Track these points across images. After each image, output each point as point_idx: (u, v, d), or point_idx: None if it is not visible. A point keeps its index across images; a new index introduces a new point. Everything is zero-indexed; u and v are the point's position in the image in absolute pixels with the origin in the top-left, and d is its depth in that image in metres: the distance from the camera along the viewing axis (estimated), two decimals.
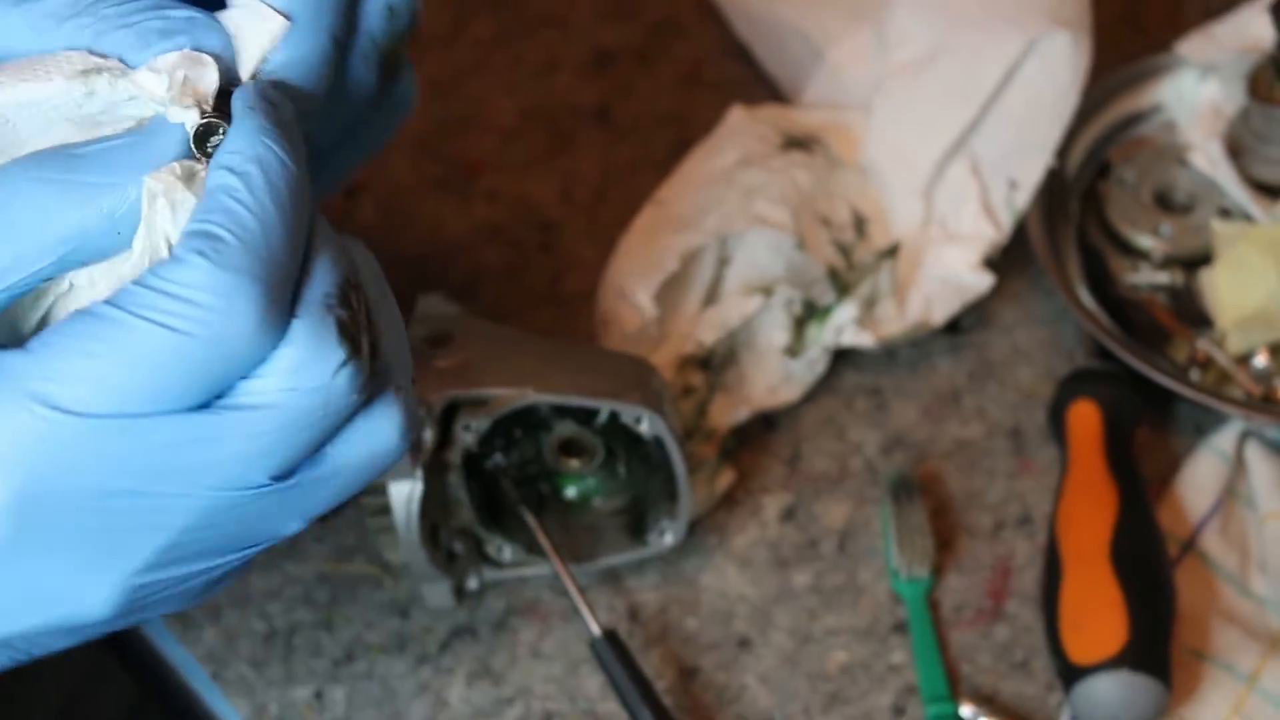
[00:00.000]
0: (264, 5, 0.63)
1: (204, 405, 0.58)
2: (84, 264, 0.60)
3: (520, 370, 0.87)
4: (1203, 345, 0.99)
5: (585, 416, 0.89)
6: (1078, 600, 0.90)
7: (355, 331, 0.60)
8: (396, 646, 0.92)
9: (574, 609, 0.90)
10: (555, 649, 0.92)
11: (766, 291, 0.96)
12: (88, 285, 0.61)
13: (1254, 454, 0.97)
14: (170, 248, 0.60)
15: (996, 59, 0.99)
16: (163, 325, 0.57)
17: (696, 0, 1.16)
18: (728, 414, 0.96)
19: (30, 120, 0.61)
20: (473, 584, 0.92)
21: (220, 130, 0.61)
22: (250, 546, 0.62)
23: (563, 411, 0.88)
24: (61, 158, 0.60)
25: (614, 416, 0.88)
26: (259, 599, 0.93)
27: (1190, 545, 0.95)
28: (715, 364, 0.96)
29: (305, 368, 0.59)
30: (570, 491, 0.92)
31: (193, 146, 0.61)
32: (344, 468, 0.61)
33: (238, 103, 0.61)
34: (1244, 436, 0.97)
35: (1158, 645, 0.88)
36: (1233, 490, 0.97)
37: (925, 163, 1.00)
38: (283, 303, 0.59)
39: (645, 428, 0.87)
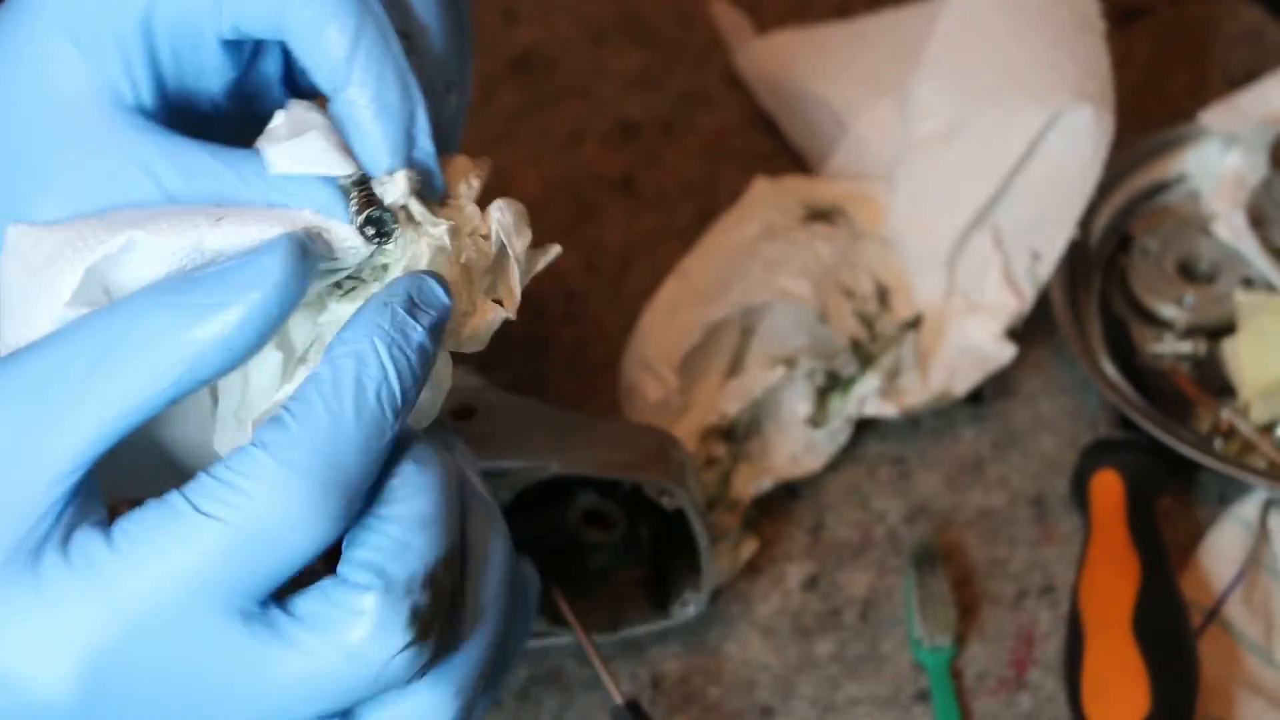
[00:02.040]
0: None
1: (264, 607, 0.59)
2: (201, 385, 0.60)
3: (543, 444, 0.87)
4: (1226, 415, 0.99)
5: (608, 488, 0.89)
6: (1100, 670, 0.90)
7: (429, 618, 0.60)
8: None
9: (597, 678, 0.90)
10: (578, 718, 0.92)
11: (789, 363, 0.97)
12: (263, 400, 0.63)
13: (1278, 523, 0.97)
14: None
15: (1019, 132, 1.00)
16: (213, 517, 0.58)
17: (722, 72, 1.16)
18: (751, 484, 0.96)
19: None
20: None
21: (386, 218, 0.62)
22: None
23: (585, 483, 0.89)
24: (176, 281, 0.61)
25: (637, 488, 0.88)
26: None
27: (1214, 614, 0.95)
28: (738, 434, 0.97)
29: (365, 643, 0.59)
30: (593, 562, 0.92)
31: (363, 232, 0.62)
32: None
33: (380, 294, 0.61)
34: (1268, 506, 0.97)
35: (1181, 715, 0.88)
36: (1257, 559, 0.97)
37: (948, 234, 1.01)
38: (344, 509, 0.59)
39: (667, 501, 0.88)
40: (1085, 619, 0.92)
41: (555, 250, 0.67)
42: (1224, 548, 0.97)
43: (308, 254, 0.61)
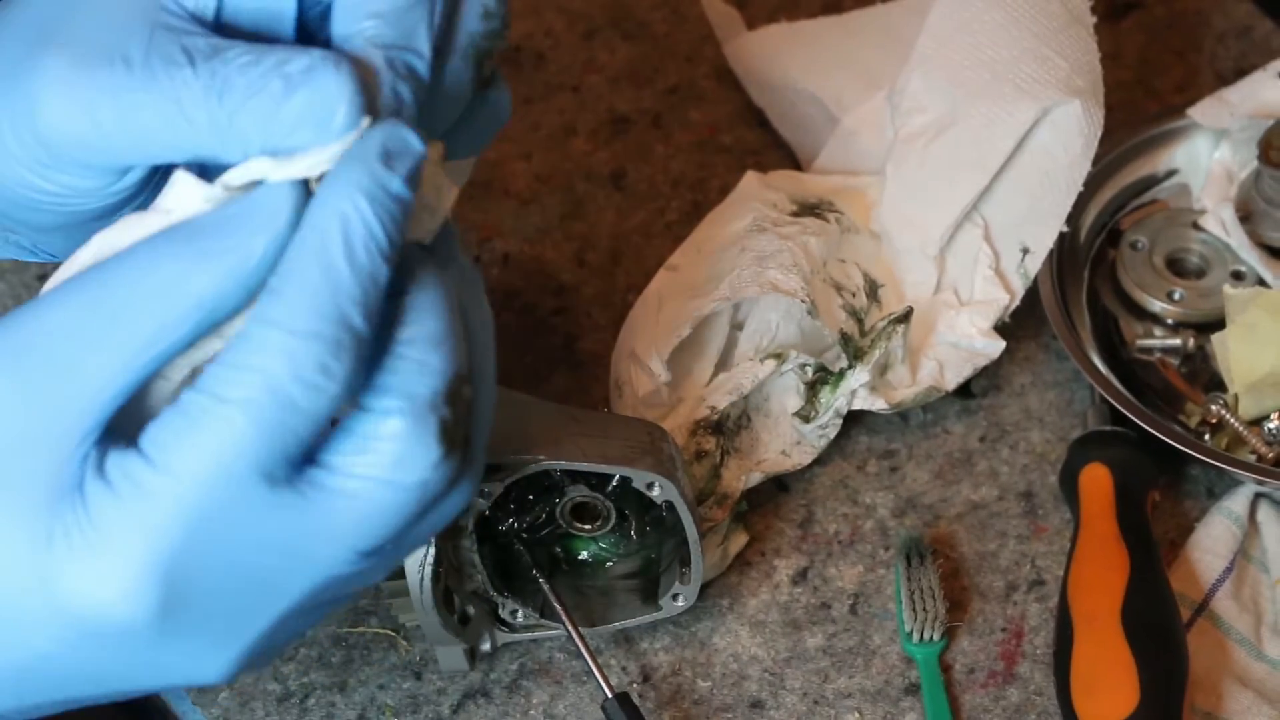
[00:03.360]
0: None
1: (301, 468, 0.61)
2: (219, 324, 0.62)
3: (533, 436, 0.87)
4: (1215, 409, 1.00)
5: (598, 481, 0.89)
6: (1089, 663, 0.90)
7: (455, 429, 0.63)
8: (410, 709, 0.92)
9: (587, 670, 0.90)
10: (568, 711, 0.92)
11: (779, 356, 0.97)
12: None
13: (1267, 517, 0.97)
14: None
15: (1009, 127, 1.00)
16: (236, 401, 0.60)
17: (712, 66, 1.16)
18: (740, 478, 0.96)
19: None
20: (486, 646, 0.92)
21: None
22: (341, 599, 0.66)
23: (575, 476, 0.89)
24: (184, 229, 0.62)
25: (626, 481, 0.88)
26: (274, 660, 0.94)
27: (1203, 608, 0.95)
28: (728, 428, 0.97)
29: (403, 464, 0.62)
30: (583, 554, 0.93)
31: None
32: (422, 536, 0.65)
33: (353, 150, 0.62)
34: (1256, 499, 0.98)
35: (1169, 708, 0.88)
36: (1245, 553, 0.97)
37: (938, 228, 1.01)
38: (356, 360, 0.61)
39: (657, 493, 0.88)
40: (1074, 613, 0.92)
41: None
42: (1213, 542, 0.97)
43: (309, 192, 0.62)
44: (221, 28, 0.67)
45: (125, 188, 0.69)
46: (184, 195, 0.64)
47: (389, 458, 0.61)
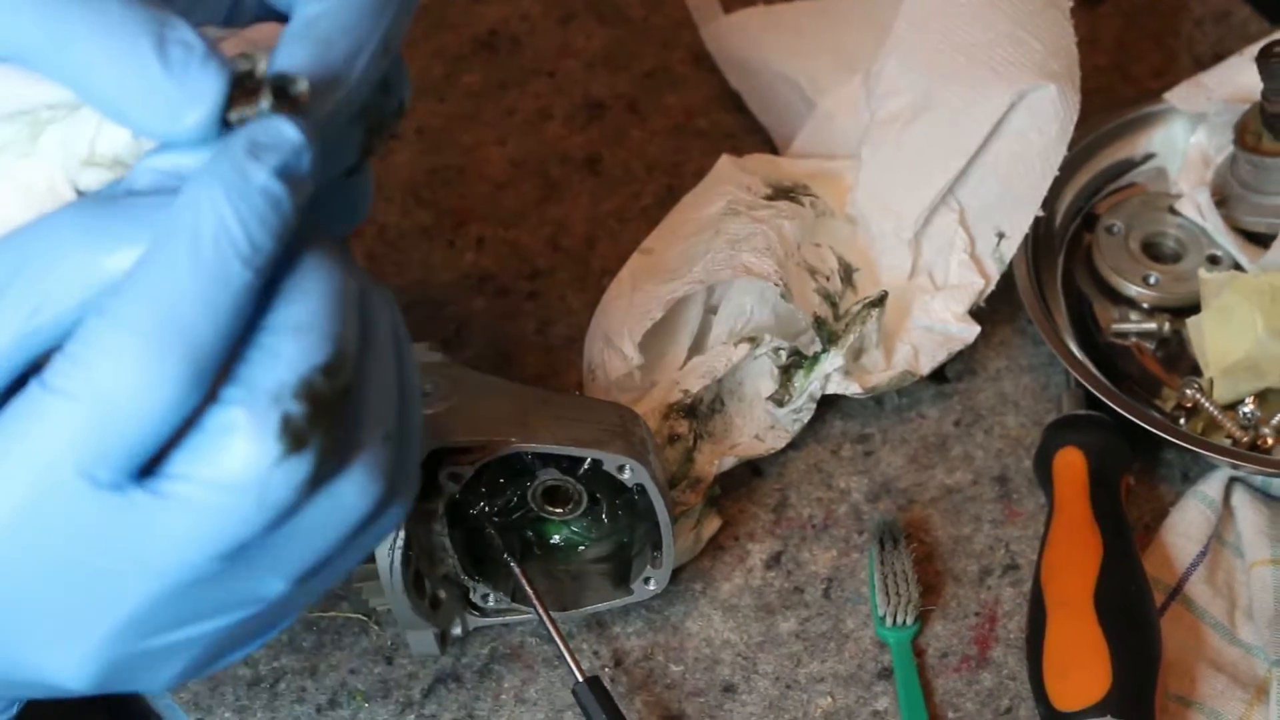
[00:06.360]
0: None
1: (146, 475, 0.57)
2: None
3: (503, 419, 0.87)
4: (1190, 393, 0.99)
5: (569, 464, 0.89)
6: (1062, 647, 0.90)
7: (305, 426, 0.57)
8: (381, 693, 0.92)
9: (558, 655, 0.90)
10: (539, 695, 0.92)
11: (753, 340, 0.97)
12: None
13: (1241, 501, 0.97)
14: None
15: (985, 111, 0.99)
16: (59, 392, 0.56)
17: (688, 51, 1.16)
18: (714, 462, 0.96)
19: None
20: (457, 630, 0.92)
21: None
22: (235, 610, 0.61)
23: (546, 459, 0.89)
24: (97, 204, 0.58)
25: (597, 464, 0.88)
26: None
27: (1177, 592, 0.95)
28: (701, 412, 0.97)
29: (237, 462, 0.57)
30: (554, 538, 0.92)
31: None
32: (307, 530, 0.60)
33: (221, 148, 0.58)
34: (1231, 484, 0.98)
35: (1142, 692, 0.88)
36: (1220, 537, 0.97)
37: (913, 213, 1.01)
38: (192, 367, 0.56)
39: (628, 476, 0.87)
40: (1047, 597, 0.92)
41: None
42: (1187, 526, 0.97)
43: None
44: None
45: None
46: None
47: (223, 456, 0.57)
